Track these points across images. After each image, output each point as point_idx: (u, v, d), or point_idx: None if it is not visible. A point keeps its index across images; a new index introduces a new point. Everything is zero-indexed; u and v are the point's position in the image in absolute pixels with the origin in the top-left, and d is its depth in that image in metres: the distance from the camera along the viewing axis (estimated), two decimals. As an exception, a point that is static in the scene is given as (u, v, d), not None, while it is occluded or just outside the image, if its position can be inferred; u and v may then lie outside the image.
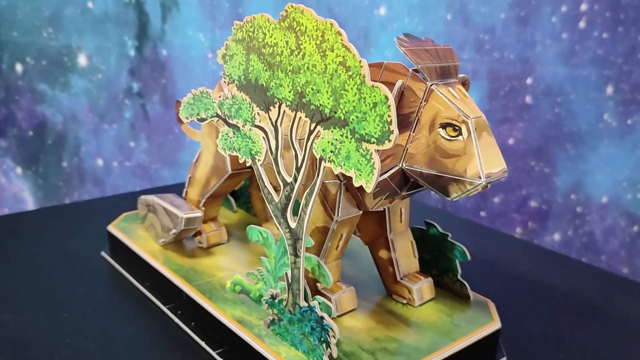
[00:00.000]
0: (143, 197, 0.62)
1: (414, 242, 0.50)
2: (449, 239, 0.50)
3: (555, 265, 0.65)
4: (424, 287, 0.49)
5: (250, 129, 0.42)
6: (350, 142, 0.35)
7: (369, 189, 0.34)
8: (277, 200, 0.41)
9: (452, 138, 0.38)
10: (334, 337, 0.39)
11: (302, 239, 0.40)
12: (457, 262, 0.50)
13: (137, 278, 0.57)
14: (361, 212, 0.46)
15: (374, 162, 0.34)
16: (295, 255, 0.40)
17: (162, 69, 0.99)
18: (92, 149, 1.00)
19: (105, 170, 1.01)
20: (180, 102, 0.63)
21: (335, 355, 0.39)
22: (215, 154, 0.54)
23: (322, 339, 0.39)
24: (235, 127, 0.43)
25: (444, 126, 0.38)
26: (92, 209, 0.77)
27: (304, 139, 0.38)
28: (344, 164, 0.35)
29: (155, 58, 0.98)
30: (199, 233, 0.57)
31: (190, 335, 0.48)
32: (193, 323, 0.50)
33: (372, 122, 0.33)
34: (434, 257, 0.51)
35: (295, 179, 0.39)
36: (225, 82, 0.44)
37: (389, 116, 0.32)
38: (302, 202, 0.39)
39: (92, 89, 0.97)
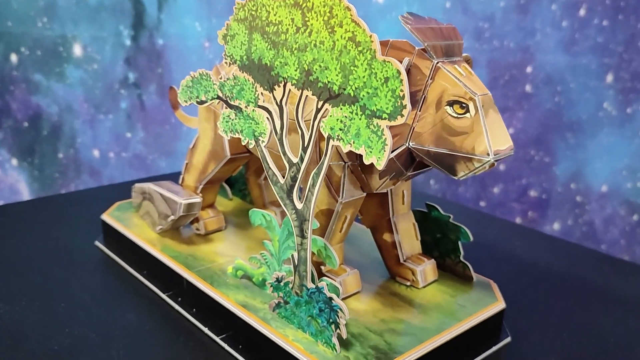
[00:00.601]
0: (137, 185, 0.61)
1: (416, 224, 0.50)
2: (451, 220, 0.50)
3: (552, 248, 0.65)
4: (427, 269, 0.48)
5: (253, 110, 0.41)
6: (360, 119, 0.34)
7: (380, 165, 0.34)
8: (282, 182, 0.40)
9: (459, 115, 0.37)
10: (344, 318, 0.38)
11: (308, 220, 0.39)
12: (460, 243, 0.50)
13: (134, 266, 0.56)
14: (365, 194, 0.45)
15: (385, 139, 0.33)
16: (302, 236, 0.40)
17: (158, 59, 0.97)
18: (88, 139, 0.99)
19: (102, 161, 1.00)
20: (174, 88, 0.63)
21: (344, 336, 0.38)
22: (214, 138, 0.53)
23: (331, 320, 0.39)
24: (237, 109, 0.42)
25: (451, 104, 0.38)
26: (83, 199, 0.76)
27: (309, 119, 0.38)
28: (353, 142, 0.35)
29: (152, 47, 0.97)
30: (196, 220, 0.56)
31: (192, 322, 0.48)
32: (194, 309, 0.49)
33: (384, 97, 0.33)
34: (436, 239, 0.51)
35: (302, 159, 0.39)
36: (226, 62, 0.43)
37: (401, 91, 0.32)
38: (309, 182, 0.38)
39: (88, 79, 0.96)
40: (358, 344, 0.40)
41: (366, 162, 0.34)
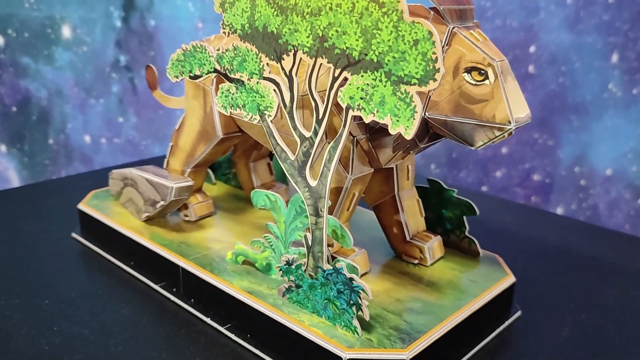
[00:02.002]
0: (116, 171, 0.57)
1: (419, 200, 0.48)
2: (455, 195, 0.49)
3: (547, 222, 0.65)
4: (434, 246, 0.47)
5: (257, 82, 0.38)
6: (385, 86, 0.32)
7: (409, 135, 0.32)
8: (292, 158, 0.38)
9: (478, 83, 0.36)
10: (366, 298, 0.36)
11: (324, 198, 0.37)
12: (465, 218, 0.49)
13: (119, 258, 0.52)
14: (372, 170, 0.43)
15: (415, 105, 0.31)
16: (317, 215, 0.37)
17: (150, 41, 0.94)
18: (79, 125, 0.95)
19: (93, 147, 0.97)
20: (152, 67, 0.59)
21: (367, 318, 0.37)
22: (203, 117, 0.50)
23: (352, 301, 0.37)
24: (238, 82, 0.39)
25: (469, 70, 0.36)
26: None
27: (324, 90, 0.35)
28: (377, 111, 0.33)
29: (143, 29, 0.93)
30: (184, 207, 0.53)
31: (192, 313, 0.45)
32: (192, 299, 0.46)
33: (413, 61, 0.31)
34: (438, 215, 0.50)
35: (316, 133, 0.36)
36: (224, 32, 0.40)
37: (433, 53, 0.30)
38: (325, 157, 0.36)
39: (78, 62, 0.92)
40: (378, 326, 0.38)
41: (392, 131, 0.32)
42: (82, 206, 0.57)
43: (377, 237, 0.50)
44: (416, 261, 0.47)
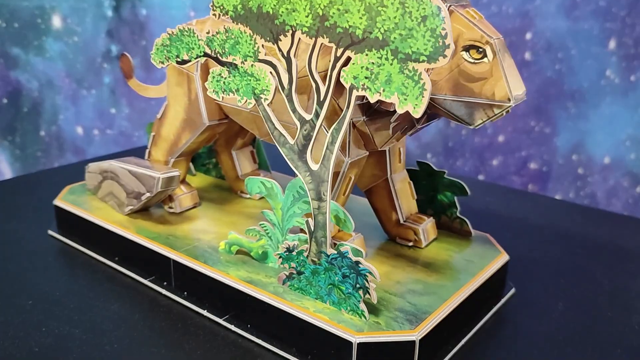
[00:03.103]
0: (93, 164, 0.55)
1: (411, 182, 0.48)
2: (445, 176, 0.49)
3: (531, 201, 0.66)
4: (428, 227, 0.47)
5: (252, 65, 0.37)
6: (391, 64, 0.32)
7: (418, 112, 0.31)
8: (292, 142, 0.37)
9: (476, 61, 0.36)
10: (374, 281, 0.36)
11: (327, 181, 0.36)
12: (456, 199, 0.49)
13: (102, 253, 0.50)
14: (367, 153, 0.43)
15: (423, 83, 0.31)
16: (319, 199, 0.37)
17: (141, 30, 0.91)
18: (71, 116, 0.93)
19: (86, 138, 0.95)
20: (127, 55, 0.57)
21: (375, 301, 0.36)
22: (188, 105, 0.49)
23: (358, 285, 0.36)
24: (231, 66, 0.38)
25: (467, 49, 0.36)
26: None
27: (324, 71, 0.35)
28: (383, 90, 0.32)
29: (134, 18, 0.91)
30: (169, 198, 0.51)
31: (186, 306, 0.44)
32: (186, 292, 0.45)
33: (422, 38, 0.30)
34: (429, 197, 0.50)
35: (317, 115, 0.35)
36: (214, 15, 0.38)
37: (443, 29, 0.30)
38: (327, 139, 0.35)
39: (68, 53, 0.90)
40: (383, 308, 0.38)
41: (400, 110, 0.32)
42: (58, 202, 0.54)
43: (369, 222, 0.49)
44: (411, 243, 0.47)
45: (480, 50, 0.36)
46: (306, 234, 0.39)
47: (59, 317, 0.42)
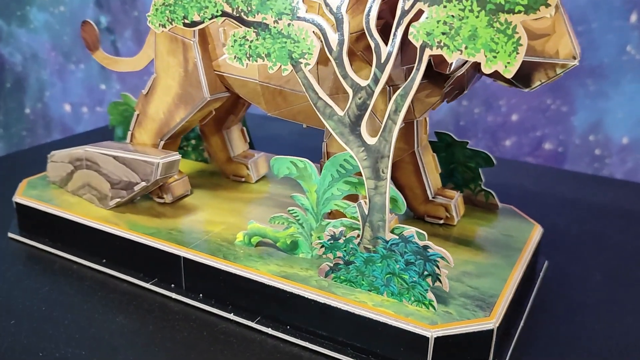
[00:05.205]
0: (59, 152, 0.47)
1: (435, 155, 0.45)
2: (468, 147, 0.45)
3: (546, 174, 0.63)
4: (459, 202, 0.44)
5: (288, 25, 0.31)
6: (477, 17, 0.27)
7: (511, 72, 0.27)
8: (341, 114, 0.32)
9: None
10: (447, 267, 0.32)
11: (387, 156, 0.31)
12: (480, 171, 0.46)
13: (84, 256, 0.43)
14: (403, 125, 0.39)
15: (519, 37, 0.27)
16: (377, 178, 0.32)
17: (133, 0, 0.83)
18: (58, 92, 0.86)
19: (74, 116, 0.87)
20: (90, 22, 0.49)
21: (447, 289, 0.32)
22: (183, 77, 0.42)
23: (427, 272, 0.32)
24: (259, 26, 0.32)
25: (528, 2, 0.32)
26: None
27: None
28: (465, 47, 0.28)
29: None
30: (159, 187, 0.44)
31: (206, 310, 0.38)
32: (201, 295, 0.39)
33: (521, -17, 0.26)
34: (449, 170, 0.46)
35: (376, 81, 0.31)
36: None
37: (548, -28, 0.26)
38: (391, 107, 0.31)
39: (54, 24, 0.83)
40: (446, 295, 0.34)
41: (487, 70, 0.28)
42: (20, 199, 0.46)
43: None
44: (442, 221, 0.43)
45: (543, 3, 0.32)
46: (347, 217, 0.34)
47: (56, 338, 0.35)
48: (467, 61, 0.34)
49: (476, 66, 0.35)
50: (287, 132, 0.72)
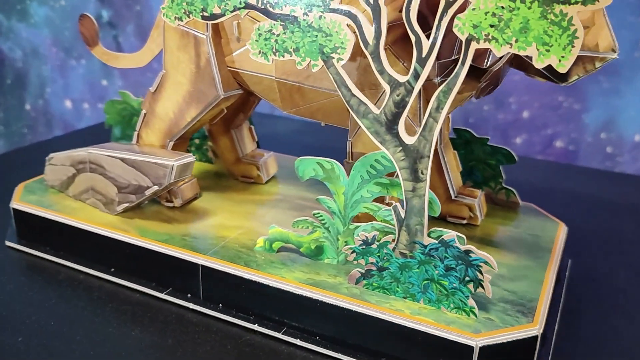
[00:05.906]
0: (59, 155, 0.44)
1: (455, 153, 0.43)
2: (488, 143, 0.44)
3: (556, 171, 0.62)
4: (482, 202, 0.42)
5: (320, 17, 0.30)
6: (529, 8, 0.26)
7: (565, 67, 0.26)
8: (377, 112, 0.30)
9: (578, 7, 0.31)
10: (491, 272, 0.30)
11: (427, 157, 0.30)
12: (501, 168, 0.44)
13: (91, 265, 0.41)
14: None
15: (575, 30, 0.25)
16: (416, 180, 0.30)
17: None
18: (59, 88, 0.84)
19: (75, 113, 0.86)
20: (88, 16, 0.46)
21: (490, 295, 0.31)
22: (195, 74, 0.39)
23: (469, 277, 0.30)
24: (287, 19, 0.30)
25: (567, -7, 0.31)
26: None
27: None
28: (516, 40, 0.26)
29: None
30: (169, 191, 0.42)
31: (227, 321, 0.36)
32: (220, 305, 0.36)
33: (580, -28, 0.25)
34: (468, 168, 0.45)
35: (416, 76, 0.29)
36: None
37: (611, -40, 0.24)
38: (432, 104, 0.29)
39: (55, 19, 0.81)
40: (485, 301, 0.32)
41: (539, 65, 0.26)
42: (18, 205, 0.43)
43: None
44: (464, 221, 0.42)
45: (582, -6, 0.31)
46: (377, 221, 0.33)
47: (69, 355, 0.32)
48: (502, 56, 0.32)
49: (511, 59, 0.33)
50: (285, 129, 0.70)
